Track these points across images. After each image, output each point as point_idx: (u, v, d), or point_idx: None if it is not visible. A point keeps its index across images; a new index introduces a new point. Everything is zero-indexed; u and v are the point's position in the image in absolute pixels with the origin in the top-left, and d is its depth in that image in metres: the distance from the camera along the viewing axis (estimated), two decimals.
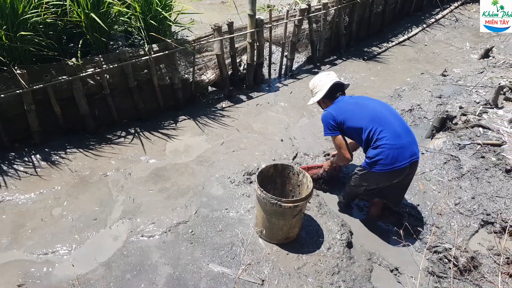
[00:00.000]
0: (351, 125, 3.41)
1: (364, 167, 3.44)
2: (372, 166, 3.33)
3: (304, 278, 3.23)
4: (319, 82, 3.66)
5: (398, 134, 3.29)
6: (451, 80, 6.45)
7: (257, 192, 3.29)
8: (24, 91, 4.15)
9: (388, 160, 3.23)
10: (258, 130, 5.19)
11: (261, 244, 3.51)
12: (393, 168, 3.25)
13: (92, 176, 4.23)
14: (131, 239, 3.52)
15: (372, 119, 3.33)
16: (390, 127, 3.30)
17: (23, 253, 3.38)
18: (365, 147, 3.43)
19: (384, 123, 3.31)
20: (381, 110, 3.42)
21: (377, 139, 3.27)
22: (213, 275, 3.22)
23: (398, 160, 3.24)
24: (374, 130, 3.29)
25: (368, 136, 3.32)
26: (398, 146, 3.25)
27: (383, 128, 3.28)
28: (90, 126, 4.77)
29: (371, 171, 3.35)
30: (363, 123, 3.35)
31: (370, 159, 3.34)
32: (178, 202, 3.94)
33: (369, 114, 3.38)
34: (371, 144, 3.33)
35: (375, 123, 3.31)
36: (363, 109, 3.44)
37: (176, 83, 5.23)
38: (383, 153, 3.24)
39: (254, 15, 5.52)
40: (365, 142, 3.38)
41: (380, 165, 3.27)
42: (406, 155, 3.27)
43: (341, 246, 3.56)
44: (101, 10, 4.39)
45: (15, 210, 3.79)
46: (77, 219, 3.71)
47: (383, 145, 3.25)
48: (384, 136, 3.26)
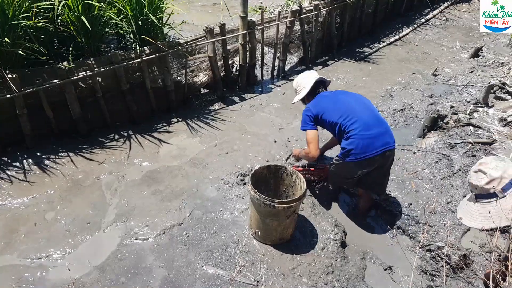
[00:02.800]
0: (326, 118, 3.60)
1: (339, 157, 3.63)
2: (345, 157, 3.52)
3: (298, 279, 3.24)
4: (302, 81, 3.89)
5: (368, 125, 3.46)
6: (442, 79, 6.50)
7: (250, 193, 3.30)
8: (16, 95, 4.12)
9: (359, 149, 3.42)
10: (252, 131, 5.21)
11: (256, 245, 3.53)
12: (364, 157, 3.42)
13: (85, 180, 4.22)
14: (125, 242, 3.52)
15: (344, 112, 3.52)
16: (360, 119, 3.47)
17: (17, 258, 3.37)
18: (338, 139, 3.63)
19: (354, 115, 3.49)
20: (353, 103, 3.62)
21: (349, 131, 3.46)
22: (207, 277, 3.22)
23: (369, 149, 3.41)
24: (346, 123, 3.48)
25: (340, 129, 3.52)
26: (368, 136, 3.42)
27: (353, 120, 3.46)
28: (83, 129, 4.75)
29: (346, 161, 3.53)
30: (335, 116, 3.54)
31: (343, 149, 3.53)
32: (172, 205, 3.94)
33: (342, 107, 3.57)
34: (343, 135, 3.51)
35: (346, 116, 3.49)
36: (337, 103, 3.63)
37: (169, 86, 5.23)
38: (353, 143, 3.42)
39: (246, 16, 5.54)
40: (338, 134, 3.59)
41: (352, 155, 3.46)
42: (377, 145, 3.44)
43: (335, 246, 3.58)
44: (92, 13, 4.38)
45: (8, 215, 3.76)
46: (70, 223, 3.70)
47: (353, 136, 3.43)
48: (355, 127, 3.43)
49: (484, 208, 2.24)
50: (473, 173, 2.30)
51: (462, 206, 2.48)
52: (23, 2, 4.08)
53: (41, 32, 4.40)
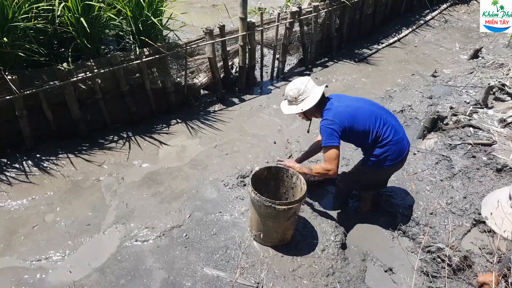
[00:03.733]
0: (358, 129, 3.36)
1: (370, 166, 3.53)
2: (381, 163, 3.47)
3: (299, 280, 3.24)
4: (305, 88, 3.38)
5: (396, 129, 3.47)
6: (442, 80, 6.51)
7: (251, 195, 3.29)
8: (15, 97, 4.11)
9: (395, 154, 3.44)
10: (251, 132, 5.20)
11: (256, 247, 3.52)
12: (399, 160, 3.50)
13: (85, 181, 4.21)
14: (125, 244, 3.51)
15: (375, 120, 3.40)
16: (390, 124, 3.45)
17: (16, 260, 3.35)
18: (370, 147, 3.47)
19: (385, 121, 3.43)
20: (375, 110, 3.50)
21: (384, 138, 3.40)
22: (208, 279, 3.21)
23: (401, 152, 3.48)
24: (379, 130, 3.39)
25: (375, 137, 3.40)
26: (399, 140, 3.45)
27: (386, 126, 3.42)
28: (83, 130, 4.74)
29: (383, 167, 3.51)
30: (368, 125, 3.38)
31: (377, 157, 3.45)
32: (172, 206, 3.93)
33: (370, 115, 3.41)
34: (378, 143, 3.42)
35: (377, 123, 3.40)
36: (361, 111, 3.42)
37: (168, 87, 5.23)
38: (390, 150, 3.41)
39: (245, 18, 5.53)
40: (372, 143, 3.42)
41: (389, 160, 3.46)
42: (405, 146, 3.53)
43: (336, 247, 3.57)
44: (92, 14, 4.37)
45: (8, 217, 3.75)
46: (70, 225, 3.69)
47: (389, 143, 3.41)
48: (388, 134, 3.41)
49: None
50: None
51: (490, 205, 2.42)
52: (23, 3, 4.07)
53: (41, 34, 4.39)
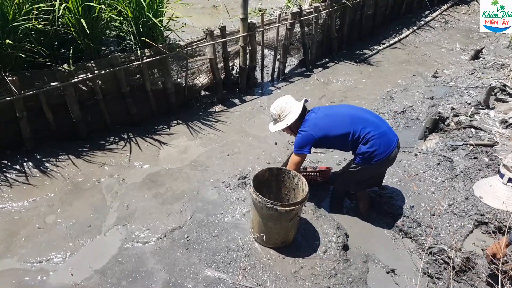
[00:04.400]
0: (334, 135, 3.53)
1: (360, 163, 3.60)
2: (370, 160, 3.52)
3: (301, 282, 3.22)
4: (286, 105, 3.64)
5: (377, 124, 3.56)
6: (443, 81, 6.50)
7: (252, 196, 3.28)
8: (16, 98, 4.10)
9: (382, 148, 3.48)
10: (252, 133, 5.19)
11: (258, 249, 3.50)
12: (388, 153, 3.52)
13: (86, 183, 4.20)
14: (126, 245, 3.49)
15: (352, 122, 3.54)
16: (368, 121, 3.56)
17: (17, 262, 3.34)
18: (352, 147, 3.60)
19: (362, 120, 3.55)
20: (352, 112, 3.67)
21: (365, 135, 3.48)
22: (209, 281, 3.20)
23: (388, 145, 3.52)
24: (359, 130, 3.49)
25: (354, 137, 3.50)
26: (383, 134, 3.52)
27: (364, 124, 3.51)
28: (83, 131, 4.73)
29: (371, 163, 3.53)
30: (344, 128, 3.52)
31: (364, 154, 3.51)
32: (173, 208, 3.92)
33: (344, 119, 3.58)
34: (360, 141, 3.51)
35: (355, 123, 3.52)
36: (338, 117, 3.61)
37: (169, 88, 5.22)
38: (375, 144, 3.46)
39: (246, 19, 5.53)
40: (352, 143, 3.55)
41: (377, 156, 3.49)
42: (392, 138, 3.57)
43: (337, 249, 3.56)
44: (92, 15, 4.36)
45: (8, 218, 3.74)
46: (71, 226, 3.68)
47: (372, 137, 3.47)
48: (369, 130, 3.48)
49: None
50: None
51: (482, 187, 2.61)
52: (23, 4, 4.06)
53: (41, 34, 4.38)
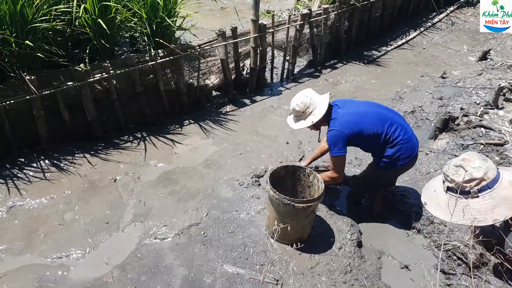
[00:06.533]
0: (368, 133, 3.46)
1: (383, 167, 3.61)
2: (394, 163, 3.54)
3: (317, 277, 3.27)
4: (311, 101, 3.49)
5: (405, 128, 3.56)
6: (451, 82, 6.55)
7: (269, 193, 3.33)
8: (34, 97, 4.17)
9: (407, 153, 3.51)
10: (263, 133, 5.25)
11: (274, 245, 3.55)
12: (411, 158, 3.55)
13: (102, 181, 4.26)
14: (145, 241, 3.55)
15: (383, 122, 3.49)
16: (398, 123, 3.53)
17: (37, 258, 3.40)
18: (380, 149, 3.56)
19: (393, 121, 3.51)
20: (382, 111, 3.60)
21: (394, 138, 3.48)
22: (228, 276, 3.25)
23: (413, 149, 3.55)
24: (390, 131, 3.48)
25: (385, 138, 3.48)
26: (409, 139, 3.53)
27: (394, 126, 3.50)
28: (98, 131, 4.80)
29: (395, 167, 3.58)
30: (376, 128, 3.46)
31: (390, 157, 3.52)
32: (189, 205, 3.97)
33: (377, 118, 3.51)
34: (388, 144, 3.50)
35: (386, 125, 3.48)
36: (368, 116, 3.52)
37: (181, 88, 5.28)
38: (401, 149, 3.48)
39: (257, 20, 5.59)
40: (382, 144, 3.52)
41: (402, 160, 3.52)
42: (415, 143, 3.60)
43: (352, 245, 3.60)
44: (109, 16, 4.44)
45: (27, 215, 3.80)
46: (89, 223, 3.74)
47: (400, 142, 3.48)
48: (399, 134, 3.48)
49: (453, 201, 2.23)
50: (453, 167, 2.31)
51: (429, 191, 2.50)
52: (42, 5, 4.14)
53: (58, 35, 4.46)
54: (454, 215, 2.19)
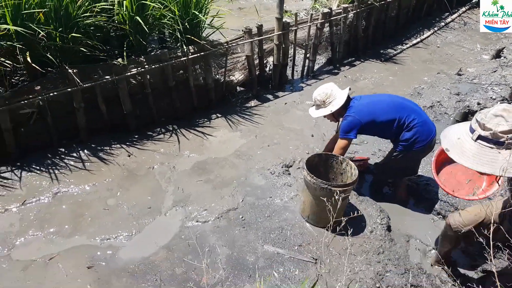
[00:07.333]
0: (382, 120, 3.75)
1: (402, 150, 3.83)
2: (411, 147, 3.75)
3: (353, 257, 3.46)
4: (331, 92, 3.85)
5: (419, 112, 3.80)
6: (467, 78, 6.74)
7: (306, 178, 3.53)
8: (75, 89, 4.38)
9: (424, 135, 3.71)
10: (288, 126, 5.45)
11: (309, 228, 3.75)
12: (428, 141, 3.75)
13: (140, 169, 4.47)
14: (187, 224, 3.75)
15: (397, 109, 3.76)
16: (411, 109, 3.79)
17: (87, 239, 3.60)
18: (395, 135, 3.82)
19: (407, 108, 3.79)
20: (395, 99, 3.90)
21: (409, 123, 3.71)
22: (268, 255, 3.45)
23: (429, 132, 3.75)
24: (404, 117, 3.72)
25: (399, 124, 3.73)
26: (424, 122, 3.75)
27: (408, 112, 3.74)
28: (132, 124, 5.01)
29: (413, 150, 3.77)
30: (390, 115, 3.74)
31: (407, 141, 3.74)
32: (225, 192, 4.17)
33: (391, 106, 3.80)
34: (404, 128, 3.73)
35: (400, 111, 3.75)
36: (383, 104, 3.84)
37: (209, 83, 5.49)
38: (418, 132, 3.69)
39: (281, 18, 5.80)
40: (396, 130, 3.77)
41: (419, 142, 3.73)
42: (431, 127, 3.81)
43: (382, 229, 3.79)
44: (146, 13, 4.66)
45: (72, 201, 4.01)
46: (132, 208, 3.94)
47: (415, 125, 3.70)
48: (413, 117, 3.71)
49: (483, 151, 2.19)
50: (492, 116, 2.18)
51: (449, 139, 2.40)
52: (84, 1, 4.36)
53: (97, 31, 4.68)
54: (482, 164, 2.18)
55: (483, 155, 2.18)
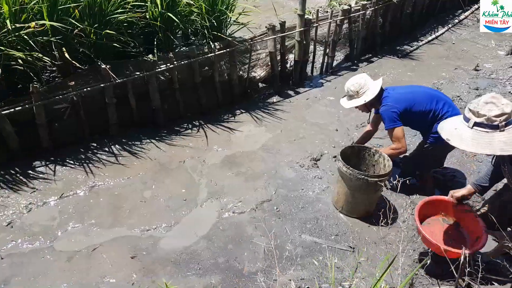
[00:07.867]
0: (419, 110, 3.80)
1: (432, 142, 3.89)
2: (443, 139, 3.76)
3: (389, 246, 3.55)
4: (365, 82, 3.88)
5: (453, 105, 3.88)
6: (484, 74, 6.81)
7: (342, 169, 3.61)
8: (107, 85, 4.48)
9: None
10: (312, 121, 5.52)
11: (343, 218, 3.84)
12: None
13: (171, 163, 4.55)
14: (224, 215, 3.84)
15: (431, 100, 3.82)
16: (445, 101, 3.87)
17: (127, 230, 3.69)
18: (428, 126, 3.87)
19: (441, 99, 3.85)
20: (429, 91, 3.99)
21: (443, 114, 3.76)
22: (307, 244, 3.54)
23: None
24: (439, 108, 3.79)
25: (434, 114, 3.79)
26: (457, 115, 3.68)
27: (442, 104, 3.82)
28: (161, 119, 5.10)
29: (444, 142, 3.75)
30: (425, 105, 3.80)
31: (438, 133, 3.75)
32: (257, 184, 4.26)
33: (425, 96, 3.86)
34: (437, 120, 3.76)
35: (435, 102, 3.82)
36: (418, 94, 3.89)
37: (234, 79, 5.58)
38: None
39: (303, 15, 5.89)
40: (431, 121, 3.82)
41: None
42: None
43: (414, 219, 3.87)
44: (176, 9, 4.74)
45: (109, 194, 4.10)
46: (168, 200, 4.03)
47: (449, 117, 3.65)
48: (447, 110, 3.78)
49: (480, 136, 2.48)
50: (484, 103, 2.47)
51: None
52: None
53: (129, 27, 4.77)
54: (480, 146, 2.47)
55: (480, 139, 2.47)
